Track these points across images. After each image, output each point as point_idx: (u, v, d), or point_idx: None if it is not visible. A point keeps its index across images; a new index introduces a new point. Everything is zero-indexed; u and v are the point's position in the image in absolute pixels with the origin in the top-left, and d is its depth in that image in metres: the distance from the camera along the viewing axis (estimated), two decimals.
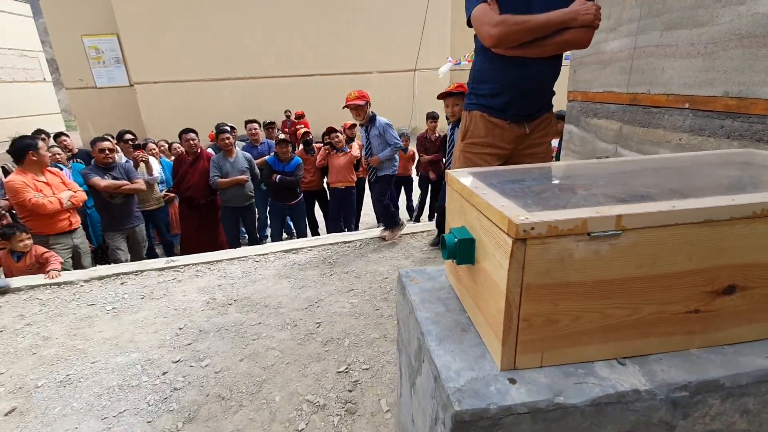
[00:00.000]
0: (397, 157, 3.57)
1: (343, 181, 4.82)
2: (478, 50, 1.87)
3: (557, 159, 4.75)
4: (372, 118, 3.39)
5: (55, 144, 4.57)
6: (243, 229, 4.79)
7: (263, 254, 3.32)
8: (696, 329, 0.76)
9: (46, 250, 3.13)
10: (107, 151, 3.58)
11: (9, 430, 1.63)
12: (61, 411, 1.72)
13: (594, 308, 0.71)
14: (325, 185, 5.28)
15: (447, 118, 3.40)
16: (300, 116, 11.31)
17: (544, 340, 0.72)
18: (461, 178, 0.92)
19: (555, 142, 5.24)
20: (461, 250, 0.82)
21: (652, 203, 0.68)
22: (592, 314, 0.71)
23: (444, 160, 3.51)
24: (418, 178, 6.21)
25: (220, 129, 4.58)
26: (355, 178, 4.93)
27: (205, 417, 1.64)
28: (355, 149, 4.88)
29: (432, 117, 6.11)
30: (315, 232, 5.28)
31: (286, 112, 11.63)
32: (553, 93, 1.93)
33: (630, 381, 0.70)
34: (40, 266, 3.07)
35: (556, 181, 0.96)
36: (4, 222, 3.36)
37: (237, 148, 4.58)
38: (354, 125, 5.32)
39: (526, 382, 0.70)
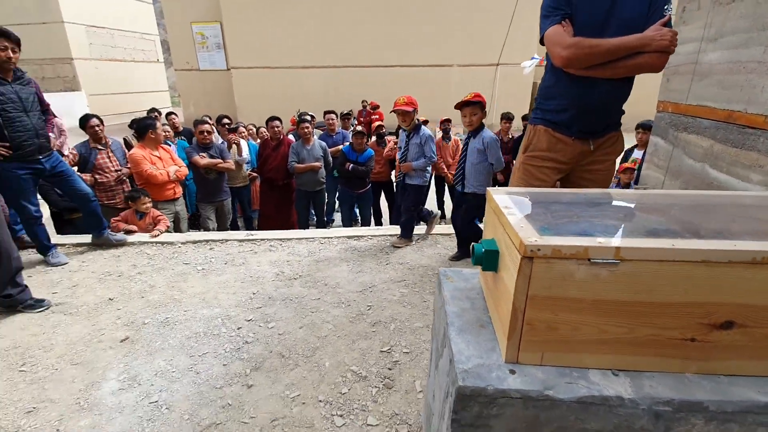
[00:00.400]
0: (429, 169, 3.62)
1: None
2: (548, 67, 1.92)
3: (638, 171, 4.49)
4: (417, 127, 3.45)
5: (166, 122, 5.30)
6: (313, 211, 5.20)
7: (328, 237, 3.64)
8: (692, 356, 0.84)
9: (160, 213, 3.74)
10: (206, 133, 4.13)
11: (123, 352, 2.09)
12: (161, 345, 2.15)
13: (591, 323, 0.83)
14: (392, 177, 5.51)
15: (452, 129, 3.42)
16: (375, 107, 11.64)
17: (545, 343, 0.85)
18: (496, 196, 1.06)
19: (639, 154, 4.94)
20: (487, 259, 0.97)
21: (652, 239, 0.78)
22: (589, 328, 0.83)
23: (487, 165, 3.40)
24: None
25: (301, 118, 4.99)
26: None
27: (268, 369, 1.95)
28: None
29: (506, 117, 6.04)
30: (378, 222, 5.54)
31: (363, 102, 12.03)
32: (622, 112, 1.92)
33: (616, 389, 0.81)
34: (155, 225, 3.68)
35: (582, 208, 1.06)
36: (125, 186, 4.05)
37: (315, 136, 4.96)
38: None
39: (524, 374, 0.85)
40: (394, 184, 4.69)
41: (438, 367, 1.11)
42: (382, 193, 5.62)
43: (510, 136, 6.11)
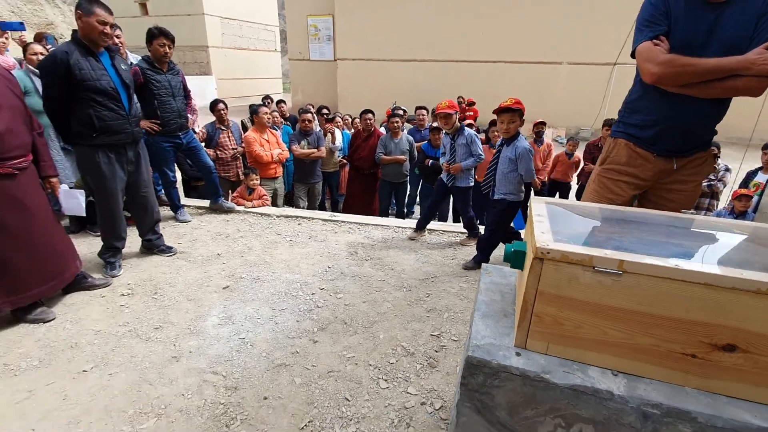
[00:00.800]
0: (473, 170, 3.60)
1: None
2: (636, 79, 1.88)
3: (759, 197, 3.97)
4: (459, 129, 3.50)
5: (275, 109, 5.99)
6: (394, 201, 5.50)
7: (402, 227, 3.89)
8: (693, 371, 0.90)
9: (265, 192, 4.33)
10: (307, 121, 4.63)
11: (224, 297, 2.58)
12: (251, 296, 2.60)
13: (594, 324, 0.94)
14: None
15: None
16: (471, 103, 11.53)
17: (551, 335, 0.98)
18: (534, 205, 1.19)
19: (763, 177, 4.35)
20: (514, 258, 1.12)
21: (656, 258, 0.87)
22: (592, 328, 0.94)
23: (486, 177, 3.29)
24: (577, 186, 5.91)
25: (393, 113, 5.29)
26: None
27: (331, 331, 2.27)
28: (338, 139, 5.20)
29: (609, 124, 5.66)
30: (456, 219, 5.66)
31: (458, 98, 11.99)
32: (714, 132, 1.82)
33: (609, 385, 0.92)
34: (260, 199, 4.29)
35: (613, 223, 1.13)
36: (238, 163, 4.74)
37: (404, 131, 5.22)
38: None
39: (528, 358, 0.99)
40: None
41: (464, 347, 1.28)
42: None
43: None
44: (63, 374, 1.91)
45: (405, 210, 5.56)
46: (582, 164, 5.81)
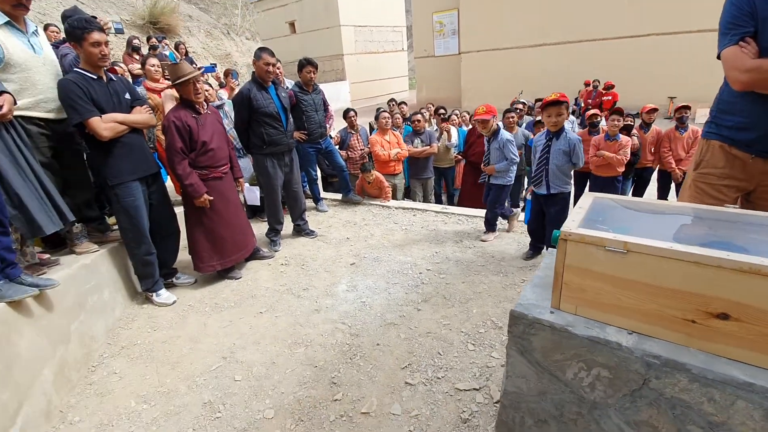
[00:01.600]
0: (513, 169, 3.61)
1: (608, 169, 4.76)
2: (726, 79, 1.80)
3: None
4: (496, 132, 3.53)
5: (397, 111, 6.65)
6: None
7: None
8: (694, 334, 1.11)
9: (387, 185, 5.01)
10: (417, 122, 5.14)
11: (351, 271, 3.27)
12: (371, 272, 3.23)
13: (609, 292, 1.21)
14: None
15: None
16: (609, 87, 10.58)
17: (578, 299, 1.28)
18: (583, 198, 1.45)
19: None
20: (555, 240, 1.42)
21: (653, 240, 1.10)
22: (609, 295, 1.21)
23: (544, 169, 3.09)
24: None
25: (510, 108, 5.42)
26: (622, 169, 4.73)
27: (433, 303, 2.74)
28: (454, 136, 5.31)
29: None
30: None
31: (589, 81, 11.08)
32: None
33: (620, 339, 1.19)
34: (380, 190, 4.98)
35: (645, 214, 1.34)
36: (365, 161, 5.52)
37: (521, 126, 5.32)
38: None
39: (558, 315, 1.30)
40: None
41: None
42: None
43: None
44: (248, 313, 2.80)
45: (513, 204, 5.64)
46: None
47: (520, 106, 6.42)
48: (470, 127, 6.04)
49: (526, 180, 5.58)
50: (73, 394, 2.17)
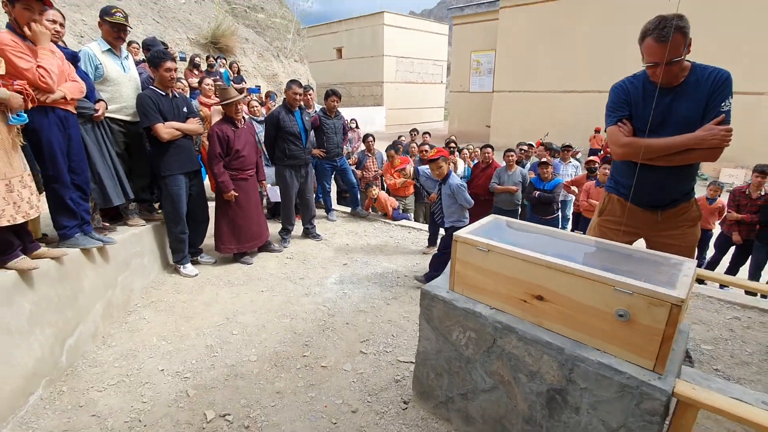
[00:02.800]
0: (467, 213, 3.64)
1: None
2: None
3: None
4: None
5: (417, 140, 7.33)
6: None
7: None
8: (525, 309, 1.65)
9: (392, 201, 5.64)
10: (424, 152, 5.78)
11: (342, 270, 3.88)
12: (358, 272, 3.83)
13: (479, 278, 1.77)
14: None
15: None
16: None
17: (462, 284, 1.84)
18: (486, 218, 2.03)
19: None
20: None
21: (506, 246, 1.67)
22: (478, 280, 1.77)
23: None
24: (717, 235, 5.51)
25: (510, 148, 5.98)
26: None
27: (401, 301, 3.29)
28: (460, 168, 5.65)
29: (761, 171, 5.13)
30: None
31: (600, 128, 11.46)
32: (691, 185, 2.08)
33: (482, 311, 1.74)
34: (384, 206, 5.61)
35: (519, 232, 1.90)
36: (377, 182, 6.19)
37: (526, 164, 5.85)
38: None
39: (450, 294, 1.87)
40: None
41: None
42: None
43: (761, 193, 5.15)
44: (252, 290, 3.45)
45: None
46: (726, 211, 5.37)
47: (525, 147, 6.97)
48: (477, 161, 6.62)
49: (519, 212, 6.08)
50: (113, 326, 2.87)
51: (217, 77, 7.34)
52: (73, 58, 2.69)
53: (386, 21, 23.76)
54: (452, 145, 6.77)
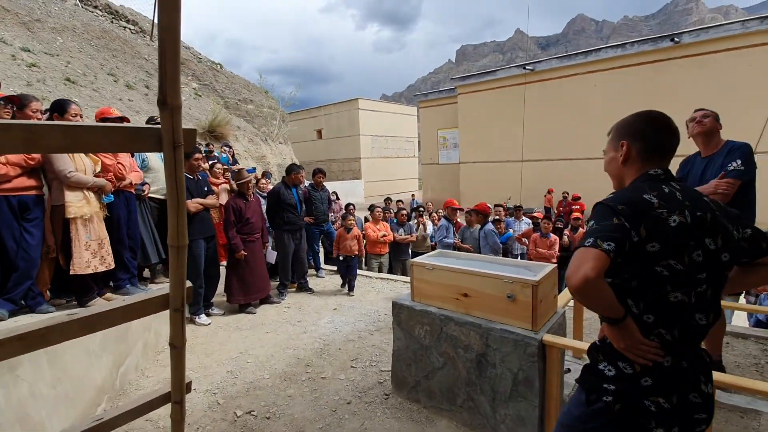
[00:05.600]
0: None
1: (545, 261, 6.23)
2: None
3: None
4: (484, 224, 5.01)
5: (392, 207, 8.44)
6: None
7: None
8: (459, 304, 2.54)
9: (359, 233, 6.53)
10: (401, 215, 6.84)
11: (333, 313, 4.64)
12: (347, 314, 4.60)
13: (429, 289, 2.66)
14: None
15: None
16: (576, 198, 12.42)
17: (419, 294, 2.73)
18: (435, 252, 2.97)
19: None
20: None
21: (443, 263, 2.60)
22: (429, 290, 2.66)
23: None
24: None
25: (468, 210, 7.12)
26: (554, 260, 6.17)
27: (382, 332, 4.07)
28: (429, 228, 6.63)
29: None
30: None
31: (552, 190, 13.02)
32: None
33: (432, 310, 2.61)
34: (356, 244, 6.44)
35: (460, 259, 2.85)
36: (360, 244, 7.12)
37: (487, 223, 6.95)
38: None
39: (412, 303, 2.74)
40: None
41: None
42: None
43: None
44: (258, 332, 4.17)
45: None
46: None
47: (501, 208, 8.17)
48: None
49: None
50: (148, 361, 3.53)
51: (216, 161, 8.49)
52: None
53: (361, 106, 26.48)
54: (420, 209, 7.90)
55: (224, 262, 4.91)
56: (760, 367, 3.16)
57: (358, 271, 6.31)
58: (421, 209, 7.87)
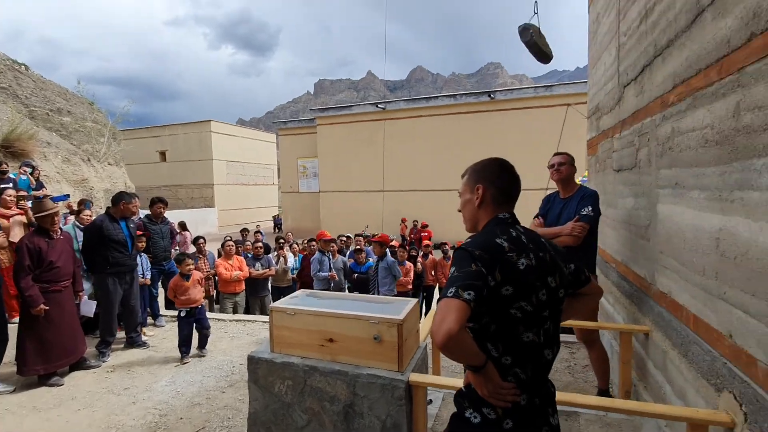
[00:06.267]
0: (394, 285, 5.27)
1: (401, 287, 6.49)
2: None
3: None
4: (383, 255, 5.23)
5: (248, 240, 7.80)
6: None
7: None
8: (324, 351, 2.35)
9: (201, 276, 5.80)
10: (257, 248, 6.37)
11: (174, 371, 3.90)
12: (193, 369, 3.91)
13: (291, 336, 2.41)
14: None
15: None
16: (425, 226, 13.62)
17: (280, 344, 2.45)
18: (299, 292, 2.75)
19: None
20: None
21: (306, 307, 2.40)
22: (291, 338, 2.42)
23: None
24: None
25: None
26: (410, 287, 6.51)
27: (236, 387, 3.56)
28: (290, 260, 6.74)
29: None
30: None
31: (405, 219, 14.17)
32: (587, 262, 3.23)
33: (295, 361, 2.36)
34: (201, 284, 5.72)
35: (323, 299, 2.70)
36: (210, 282, 6.31)
37: (340, 254, 6.91)
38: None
39: (271, 354, 2.44)
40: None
41: None
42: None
43: None
44: (67, 412, 3.19)
45: None
46: None
47: (344, 238, 8.25)
48: (306, 253, 7.47)
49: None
50: None
51: (10, 185, 6.58)
52: None
53: (214, 128, 24.54)
54: (281, 240, 7.50)
55: (16, 319, 3.72)
56: (571, 368, 3.78)
57: (209, 314, 5.56)
58: (282, 241, 7.47)
